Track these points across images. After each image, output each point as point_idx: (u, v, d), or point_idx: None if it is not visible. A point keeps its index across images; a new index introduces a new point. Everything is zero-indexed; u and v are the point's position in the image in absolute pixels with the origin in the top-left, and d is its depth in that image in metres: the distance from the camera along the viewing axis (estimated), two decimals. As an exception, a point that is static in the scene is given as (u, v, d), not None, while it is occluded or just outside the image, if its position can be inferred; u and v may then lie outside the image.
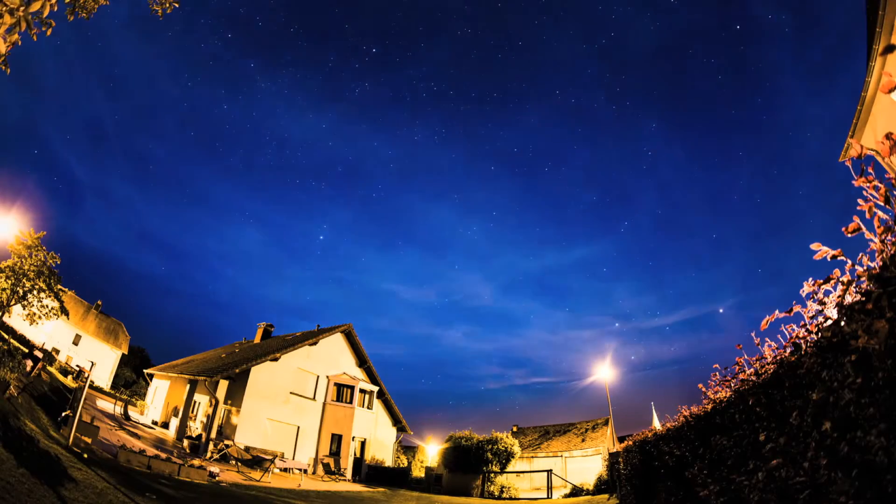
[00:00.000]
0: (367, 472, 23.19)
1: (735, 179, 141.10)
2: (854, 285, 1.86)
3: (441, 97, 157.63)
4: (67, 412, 11.69)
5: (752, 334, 3.27)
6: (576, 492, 19.57)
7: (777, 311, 2.42)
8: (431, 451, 25.92)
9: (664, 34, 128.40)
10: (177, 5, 5.63)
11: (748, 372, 3.30)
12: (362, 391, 25.31)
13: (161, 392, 26.11)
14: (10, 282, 15.08)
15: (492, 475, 20.56)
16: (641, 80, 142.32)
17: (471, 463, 21.08)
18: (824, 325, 2.11)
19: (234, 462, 16.48)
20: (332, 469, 21.25)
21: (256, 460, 17.04)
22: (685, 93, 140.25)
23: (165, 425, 22.63)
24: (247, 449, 17.56)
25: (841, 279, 1.96)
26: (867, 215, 1.75)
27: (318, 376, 23.30)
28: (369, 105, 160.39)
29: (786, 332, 2.75)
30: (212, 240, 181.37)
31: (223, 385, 19.36)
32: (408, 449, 30.71)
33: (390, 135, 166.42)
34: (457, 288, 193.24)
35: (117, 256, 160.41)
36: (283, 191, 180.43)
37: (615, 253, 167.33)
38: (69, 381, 23.16)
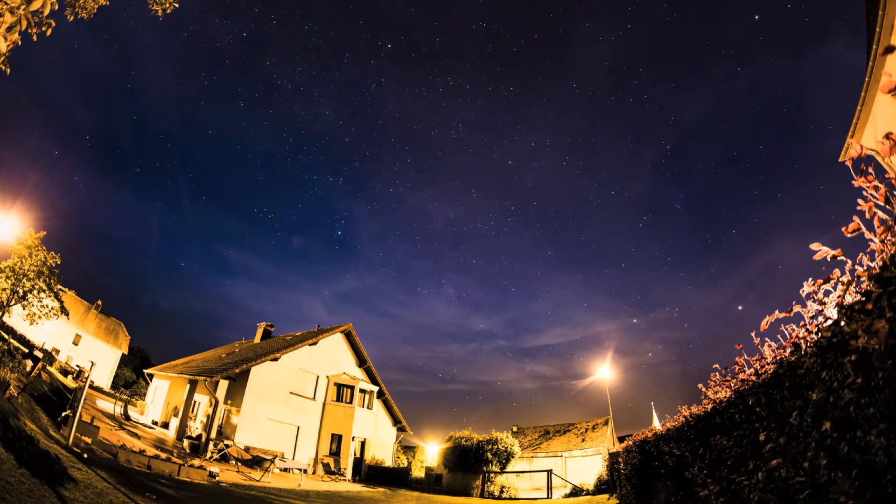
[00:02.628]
0: (367, 472, 23.19)
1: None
2: (854, 285, 1.86)
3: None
4: (67, 412, 11.69)
5: (752, 334, 3.26)
6: (576, 492, 19.56)
7: (777, 312, 2.42)
8: (431, 451, 25.91)
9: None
10: (176, 5, 5.64)
11: (748, 372, 3.30)
12: (362, 391, 25.31)
13: (161, 392, 26.11)
14: (10, 282, 15.09)
15: (492, 475, 20.56)
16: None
17: (471, 463, 21.07)
18: (824, 325, 2.11)
19: (234, 462, 16.48)
20: (332, 469, 21.25)
21: (256, 460, 17.05)
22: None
23: (165, 425, 22.62)
24: (247, 449, 17.57)
25: (841, 279, 1.96)
26: (867, 215, 1.75)
27: (318, 376, 23.30)
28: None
29: (786, 332, 2.75)
30: (212, 240, 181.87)
31: (223, 385, 19.36)
32: (408, 449, 30.69)
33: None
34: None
35: (118, 256, 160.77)
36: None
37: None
38: (69, 381, 23.15)
